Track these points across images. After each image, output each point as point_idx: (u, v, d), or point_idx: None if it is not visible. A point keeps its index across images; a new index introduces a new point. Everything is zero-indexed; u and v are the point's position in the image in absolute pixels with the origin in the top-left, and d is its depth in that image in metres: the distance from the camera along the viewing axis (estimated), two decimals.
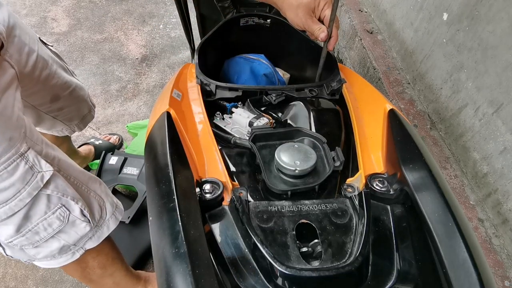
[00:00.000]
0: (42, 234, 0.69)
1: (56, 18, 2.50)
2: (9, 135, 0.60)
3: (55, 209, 0.68)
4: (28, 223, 0.66)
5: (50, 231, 0.69)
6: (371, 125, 0.77)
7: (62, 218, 0.70)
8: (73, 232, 0.74)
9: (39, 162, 0.64)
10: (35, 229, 0.67)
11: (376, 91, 0.88)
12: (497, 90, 1.17)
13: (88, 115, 1.22)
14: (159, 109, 0.75)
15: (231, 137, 0.77)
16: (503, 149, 1.15)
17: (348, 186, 0.65)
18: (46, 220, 0.68)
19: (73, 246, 0.76)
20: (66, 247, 0.75)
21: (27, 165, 0.62)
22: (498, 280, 1.09)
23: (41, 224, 0.68)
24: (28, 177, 0.62)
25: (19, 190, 0.61)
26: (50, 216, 0.68)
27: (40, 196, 0.65)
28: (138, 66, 2.18)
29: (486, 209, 1.25)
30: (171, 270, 0.46)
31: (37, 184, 0.63)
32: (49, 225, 0.69)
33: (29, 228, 0.67)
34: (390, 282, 0.52)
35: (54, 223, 0.69)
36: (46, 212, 0.67)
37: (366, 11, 2.13)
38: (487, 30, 1.19)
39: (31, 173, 0.62)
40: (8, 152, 0.59)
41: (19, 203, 0.62)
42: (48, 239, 0.71)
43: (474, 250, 0.47)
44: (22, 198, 0.62)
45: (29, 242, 0.69)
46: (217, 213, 0.60)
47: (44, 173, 0.64)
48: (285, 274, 0.49)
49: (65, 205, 0.70)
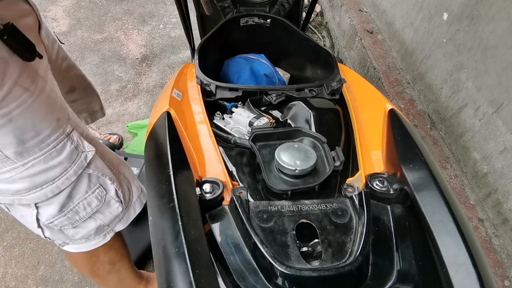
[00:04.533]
0: (81, 214, 0.72)
1: (56, 17, 2.50)
2: (57, 115, 0.63)
3: (94, 188, 0.71)
4: (70, 203, 0.69)
5: (89, 210, 0.73)
6: (371, 125, 0.77)
7: (100, 198, 0.73)
8: (108, 212, 0.77)
9: (82, 142, 0.68)
10: (76, 209, 0.71)
11: (376, 91, 0.88)
12: (497, 90, 1.17)
13: (99, 112, 1.24)
14: (159, 109, 0.75)
15: (231, 137, 0.77)
16: (503, 149, 1.15)
17: (348, 186, 0.65)
18: (86, 199, 0.71)
19: (106, 226, 0.79)
20: (102, 227, 0.78)
21: (73, 145, 0.65)
22: (498, 280, 1.09)
23: (81, 204, 0.71)
24: (74, 156, 0.65)
25: (66, 169, 0.64)
26: (90, 195, 0.71)
27: (83, 175, 0.68)
28: (138, 66, 2.18)
29: (486, 209, 1.25)
30: (171, 270, 0.46)
31: (82, 163, 0.67)
32: (88, 205, 0.72)
33: (70, 207, 0.70)
34: (390, 282, 0.52)
35: (93, 203, 0.72)
36: (87, 192, 0.70)
37: (366, 11, 2.13)
38: (487, 30, 1.19)
39: (76, 153, 0.66)
40: (56, 132, 0.62)
41: (66, 181, 0.65)
42: (86, 219, 0.74)
43: (474, 250, 0.47)
44: (69, 177, 0.66)
45: (69, 222, 0.72)
46: (217, 213, 0.60)
47: (87, 153, 0.68)
48: (285, 274, 0.49)
49: (102, 185, 0.73)
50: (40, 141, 0.60)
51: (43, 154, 0.61)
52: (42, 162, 0.61)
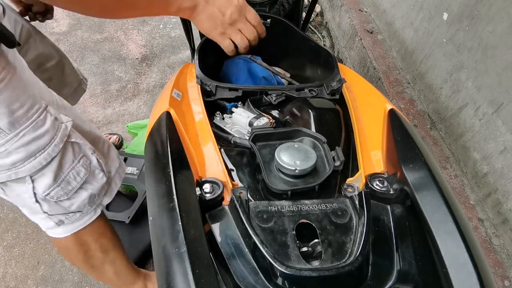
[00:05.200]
0: (73, 184, 0.77)
1: (56, 17, 2.50)
2: (32, 91, 0.67)
3: (79, 157, 0.77)
4: (61, 172, 0.74)
5: (79, 180, 0.78)
6: (371, 125, 0.77)
7: (86, 166, 0.78)
8: (94, 182, 0.83)
9: (59, 115, 0.73)
10: (67, 178, 0.76)
11: (376, 90, 0.88)
12: (497, 90, 1.17)
13: (79, 87, 1.25)
14: (159, 109, 0.75)
15: (231, 137, 0.77)
16: (503, 149, 1.16)
17: (348, 186, 0.65)
18: (74, 169, 0.76)
19: (96, 198, 0.84)
20: (92, 197, 0.83)
21: (52, 116, 0.70)
22: (498, 280, 1.09)
23: (71, 173, 0.76)
24: (56, 125, 0.70)
25: (53, 136, 0.69)
26: (77, 164, 0.76)
27: (67, 144, 0.74)
28: (138, 66, 2.18)
29: (486, 209, 1.25)
30: (171, 270, 0.46)
31: (64, 132, 0.72)
32: (77, 174, 0.77)
33: (62, 177, 0.74)
34: (390, 282, 0.52)
35: (81, 172, 0.78)
36: (73, 161, 0.75)
37: (366, 11, 2.13)
38: (487, 30, 1.19)
39: (57, 123, 0.71)
40: (36, 104, 0.67)
41: (55, 149, 0.70)
42: (78, 190, 0.79)
43: (474, 250, 0.47)
44: (57, 144, 0.70)
45: (64, 192, 0.76)
46: (217, 213, 0.60)
47: (66, 123, 0.73)
48: (285, 274, 0.49)
49: (85, 155, 0.78)
50: (26, 111, 0.65)
51: (31, 123, 0.66)
52: (31, 130, 0.66)
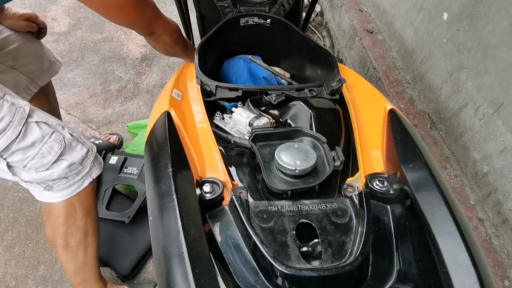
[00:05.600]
0: (48, 157, 0.83)
1: (56, 17, 2.50)
2: None
3: (49, 133, 0.82)
4: (33, 148, 0.80)
5: (54, 153, 0.83)
6: (371, 125, 0.77)
7: (59, 141, 0.84)
8: (74, 153, 0.88)
9: (17, 101, 0.79)
10: (41, 153, 0.81)
11: (376, 90, 0.88)
12: (497, 90, 1.17)
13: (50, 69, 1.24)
14: (159, 109, 0.75)
15: (231, 137, 0.77)
16: (503, 149, 1.15)
17: (348, 186, 0.65)
18: (46, 144, 0.82)
19: (81, 167, 0.90)
20: (74, 166, 0.89)
21: (9, 103, 0.77)
22: (498, 280, 1.09)
23: (44, 148, 0.81)
24: (13, 110, 0.77)
25: (10, 120, 0.76)
26: (48, 139, 0.82)
27: (30, 125, 0.80)
28: (138, 65, 2.18)
29: (486, 209, 1.25)
30: (171, 270, 0.46)
31: (22, 114, 0.78)
32: (51, 148, 0.83)
33: (35, 152, 0.81)
34: (390, 282, 0.52)
35: (55, 146, 0.83)
36: (44, 137, 0.81)
37: (366, 11, 2.13)
38: (487, 30, 1.19)
39: (14, 108, 0.77)
40: None
41: (14, 131, 0.77)
42: (56, 161, 0.84)
43: (474, 250, 0.47)
44: (16, 126, 0.77)
45: (40, 165, 0.82)
46: (217, 213, 0.60)
47: (24, 107, 0.79)
48: (285, 274, 0.49)
49: (56, 130, 0.84)
50: None
51: None
52: None
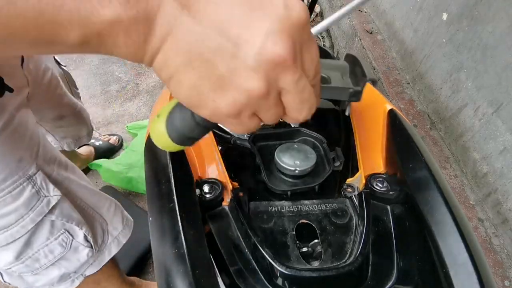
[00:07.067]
0: (42, 261, 0.65)
1: None
2: (20, 155, 0.56)
3: (58, 234, 0.65)
4: (29, 250, 0.62)
5: (51, 258, 0.66)
6: (371, 125, 0.77)
7: (64, 244, 0.66)
8: (74, 259, 0.70)
9: (47, 185, 0.61)
10: (36, 256, 0.64)
11: (376, 91, 0.88)
12: (496, 90, 1.17)
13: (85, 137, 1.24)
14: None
15: (231, 137, 0.77)
16: (503, 149, 1.16)
17: (348, 186, 0.65)
18: (47, 246, 0.64)
19: (73, 273, 0.73)
20: (66, 275, 0.71)
21: (34, 189, 0.58)
22: (498, 280, 1.09)
23: (42, 251, 0.64)
24: (33, 202, 0.59)
25: (22, 216, 0.58)
26: (52, 242, 0.64)
27: (43, 222, 0.62)
28: (138, 66, 2.18)
29: (486, 209, 1.25)
30: (171, 270, 0.46)
31: (42, 210, 0.60)
32: (50, 252, 0.65)
33: (29, 255, 0.63)
34: (390, 282, 0.52)
35: (56, 250, 0.66)
36: (49, 238, 0.64)
37: (366, 11, 2.13)
38: (487, 30, 1.19)
39: (36, 198, 0.59)
40: (15, 175, 0.55)
41: (21, 230, 0.59)
42: (49, 267, 0.67)
43: (474, 250, 0.47)
44: (25, 225, 0.59)
45: (28, 270, 0.65)
46: (217, 213, 0.60)
47: (51, 197, 0.61)
48: (285, 274, 0.49)
49: (68, 230, 0.66)
50: None
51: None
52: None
